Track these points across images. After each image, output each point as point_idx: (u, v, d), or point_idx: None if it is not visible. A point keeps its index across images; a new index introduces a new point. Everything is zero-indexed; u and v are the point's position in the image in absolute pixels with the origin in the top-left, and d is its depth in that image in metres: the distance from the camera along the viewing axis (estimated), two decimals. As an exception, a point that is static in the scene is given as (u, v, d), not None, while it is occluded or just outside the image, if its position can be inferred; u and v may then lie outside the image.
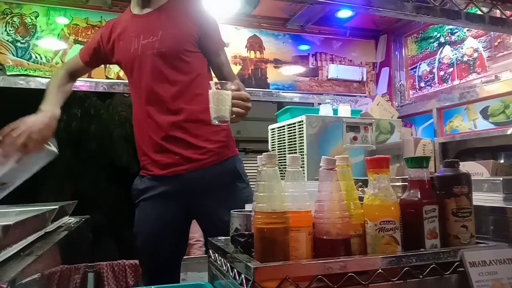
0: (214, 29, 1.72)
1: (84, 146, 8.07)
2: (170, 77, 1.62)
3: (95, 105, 8.06)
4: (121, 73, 2.74)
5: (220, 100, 1.38)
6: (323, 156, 1.04)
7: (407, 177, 1.13)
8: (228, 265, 1.04)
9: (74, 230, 1.79)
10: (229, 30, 3.02)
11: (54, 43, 2.71)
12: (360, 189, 1.43)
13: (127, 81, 2.74)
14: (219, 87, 1.39)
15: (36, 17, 2.66)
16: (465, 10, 1.09)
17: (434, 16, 1.02)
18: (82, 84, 2.69)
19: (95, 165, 8.37)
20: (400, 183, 1.17)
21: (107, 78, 2.72)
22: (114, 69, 2.73)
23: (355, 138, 2.67)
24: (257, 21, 3.06)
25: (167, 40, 1.62)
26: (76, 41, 2.68)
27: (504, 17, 1.12)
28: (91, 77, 2.69)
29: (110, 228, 6.43)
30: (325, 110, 2.74)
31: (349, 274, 0.91)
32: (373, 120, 2.75)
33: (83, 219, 2.11)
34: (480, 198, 1.33)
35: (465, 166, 2.16)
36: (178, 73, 1.63)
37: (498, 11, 1.14)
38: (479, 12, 1.14)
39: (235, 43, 3.03)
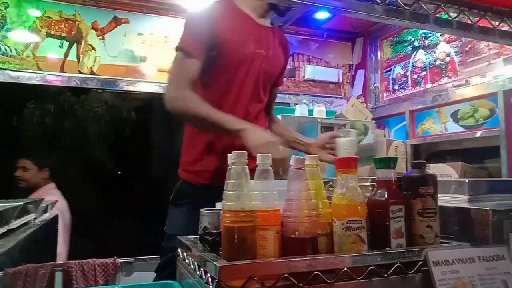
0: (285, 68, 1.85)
1: (58, 143, 7.88)
2: (260, 96, 1.72)
3: (69, 101, 7.89)
4: (94, 68, 2.69)
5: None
6: (292, 155, 1.05)
7: (375, 177, 1.15)
8: (196, 264, 1.03)
9: (40, 228, 1.74)
10: (206, 28, 2.99)
11: (25, 36, 2.64)
12: (330, 188, 1.45)
13: (101, 77, 2.73)
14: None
15: (6, 8, 2.58)
16: (434, 15, 1.12)
17: (403, 19, 1.04)
18: (54, 78, 2.63)
19: (69, 162, 8.18)
20: (368, 183, 1.19)
21: (80, 73, 2.67)
22: (87, 63, 2.67)
23: (329, 139, 2.69)
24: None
25: (272, 61, 1.74)
26: (48, 34, 2.61)
27: (470, 22, 1.15)
28: (63, 71, 2.63)
29: (83, 226, 6.30)
30: (301, 111, 2.76)
31: (315, 272, 0.92)
32: (347, 121, 2.79)
33: (51, 217, 2.06)
34: (446, 199, 1.36)
35: (435, 168, 2.22)
36: (263, 95, 1.74)
37: (465, 16, 1.16)
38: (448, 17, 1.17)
39: (212, 41, 3.01)
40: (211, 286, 0.89)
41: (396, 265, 0.99)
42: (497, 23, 1.20)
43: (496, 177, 2.29)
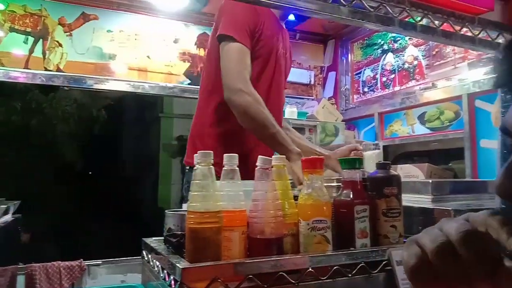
0: None
1: (25, 142, 7.64)
2: (284, 96, 1.84)
3: (37, 99, 7.66)
4: (61, 65, 2.61)
5: None
6: (259, 156, 1.04)
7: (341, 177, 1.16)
8: (159, 266, 1.01)
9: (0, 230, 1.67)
10: (178, 26, 2.96)
11: (-13, 30, 2.53)
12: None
13: (67, 73, 2.65)
14: None
15: (-34, 1, 2.48)
16: (399, 18, 1.13)
17: (369, 22, 1.06)
18: (18, 75, 2.53)
19: (36, 162, 7.95)
20: (335, 184, 1.20)
21: (46, 69, 2.58)
22: (54, 60, 2.59)
23: (300, 140, 2.71)
24: (207, 19, 3.02)
25: (289, 62, 1.85)
26: (12, 29, 2.52)
27: (434, 26, 1.18)
28: (28, 68, 2.54)
29: (50, 228, 6.13)
30: (273, 111, 2.75)
31: (280, 273, 0.92)
32: (318, 123, 2.81)
33: (13, 219, 1.99)
34: (411, 199, 1.38)
35: (403, 169, 2.26)
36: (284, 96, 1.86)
37: (430, 20, 1.19)
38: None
39: (184, 40, 2.98)
40: (174, 289, 0.87)
41: (360, 265, 1.00)
42: (459, 28, 1.24)
43: (461, 177, 2.35)
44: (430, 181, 1.37)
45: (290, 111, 2.83)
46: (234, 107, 1.55)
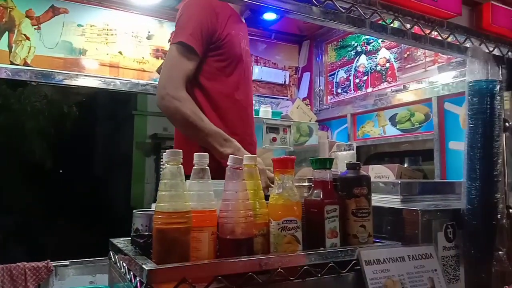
0: None
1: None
2: (252, 90, 1.84)
3: (4, 94, 7.38)
4: (29, 60, 2.52)
5: None
6: (230, 155, 1.03)
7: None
8: (126, 267, 0.99)
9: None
10: (151, 23, 2.91)
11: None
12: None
13: (35, 68, 2.56)
14: None
15: None
16: (370, 20, 1.14)
17: (340, 23, 1.06)
18: (-18, 68, 2.43)
19: (3, 160, 7.66)
20: (306, 183, 1.20)
21: (12, 63, 2.48)
22: (21, 54, 2.50)
23: (274, 139, 2.72)
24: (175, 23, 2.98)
25: (250, 58, 1.83)
26: (-24, 21, 2.41)
27: (404, 29, 1.20)
28: (-8, 62, 2.44)
29: (16, 228, 5.93)
30: (247, 110, 2.74)
31: (249, 274, 0.91)
32: (292, 123, 2.82)
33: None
34: (381, 200, 1.40)
35: (374, 169, 2.30)
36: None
37: (400, 23, 1.21)
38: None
39: (157, 36, 2.92)
40: (140, 291, 0.85)
41: (329, 264, 1.01)
42: (429, 31, 1.26)
43: (430, 178, 2.41)
44: (399, 181, 1.39)
45: (264, 111, 2.83)
46: (163, 111, 1.55)
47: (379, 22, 1.20)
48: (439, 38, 1.29)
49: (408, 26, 1.19)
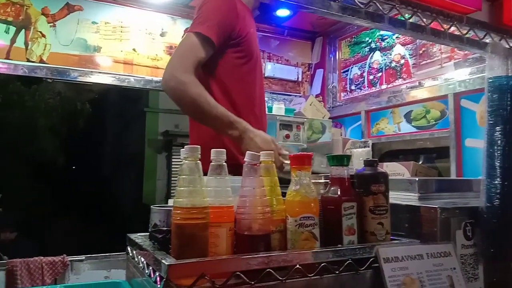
0: None
1: (5, 136, 7.47)
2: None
3: (18, 91, 7.48)
4: (44, 57, 2.55)
5: None
6: (247, 151, 1.03)
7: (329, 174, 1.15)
8: (144, 262, 0.99)
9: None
10: (164, 20, 2.92)
11: (-33, 19, 2.46)
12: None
13: (51, 65, 2.59)
14: None
15: None
16: (389, 15, 1.13)
17: (359, 18, 1.05)
18: (-1, 66, 2.46)
19: (18, 156, 7.78)
20: (323, 180, 1.19)
21: (29, 60, 2.51)
22: (37, 51, 2.53)
23: (287, 136, 2.71)
24: (194, 13, 2.99)
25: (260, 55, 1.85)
26: (-7, 18, 2.45)
27: (423, 24, 1.18)
28: (9, 59, 2.47)
29: (32, 223, 6.02)
30: (260, 107, 2.74)
31: (267, 270, 0.91)
32: (306, 120, 2.81)
33: (-7, 213, 1.94)
34: (397, 197, 1.39)
35: (388, 167, 2.28)
36: None
37: (419, 18, 1.19)
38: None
39: (171, 33, 2.94)
40: (159, 286, 0.85)
41: (347, 262, 1.00)
42: (448, 26, 1.24)
43: (444, 176, 2.38)
44: (417, 179, 1.37)
45: (277, 108, 2.82)
46: (167, 93, 1.52)
47: (396, 17, 1.19)
48: (458, 33, 1.28)
49: (427, 21, 1.17)
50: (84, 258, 2.53)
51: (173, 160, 8.94)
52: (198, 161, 0.95)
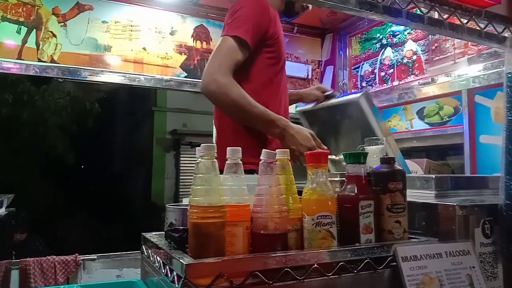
0: None
1: (16, 135, 7.53)
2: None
3: (28, 91, 7.54)
4: (55, 56, 2.56)
5: None
6: (263, 149, 1.02)
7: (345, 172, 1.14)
8: (161, 261, 0.99)
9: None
10: (174, 18, 2.91)
11: (-21, 20, 2.47)
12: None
13: (62, 65, 2.60)
14: None
15: (-44, -11, 2.41)
16: (406, 10, 1.11)
17: (376, 13, 1.03)
18: (11, 66, 2.47)
19: (28, 155, 7.85)
20: (338, 178, 1.18)
21: (40, 60, 2.52)
22: (48, 51, 2.54)
23: (298, 134, 2.69)
24: (204, 11, 2.98)
25: None
26: (4, 19, 2.45)
27: (441, 19, 1.16)
28: (21, 59, 2.48)
29: (44, 223, 6.06)
30: (270, 105, 2.73)
31: (285, 269, 0.90)
32: (317, 117, 2.79)
33: (7, 212, 1.94)
34: (413, 195, 1.37)
35: (401, 164, 2.25)
36: None
37: (436, 13, 1.17)
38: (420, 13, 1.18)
39: (180, 32, 2.93)
40: (177, 285, 0.85)
41: (365, 261, 0.99)
42: (466, 20, 1.22)
43: (458, 173, 2.35)
44: (434, 176, 1.35)
45: (287, 105, 2.81)
46: (207, 96, 1.56)
47: (409, 10, 1.17)
48: (476, 27, 1.25)
49: (445, 15, 1.15)
50: (96, 257, 2.54)
51: (181, 158, 8.97)
52: (215, 160, 0.94)
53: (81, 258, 2.50)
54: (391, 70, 2.88)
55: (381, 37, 3.01)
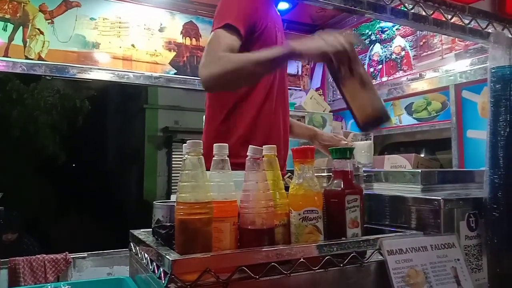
0: None
1: (5, 134, 7.45)
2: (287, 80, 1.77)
3: (18, 89, 7.45)
4: (43, 54, 2.54)
5: None
6: (250, 145, 1.02)
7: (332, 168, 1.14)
8: (148, 258, 0.99)
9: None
10: (163, 15, 2.90)
11: (-35, 17, 2.44)
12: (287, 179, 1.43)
13: (49, 62, 2.58)
14: None
15: None
16: (391, 6, 1.12)
17: (361, 9, 1.04)
18: (-3, 63, 2.45)
19: (18, 154, 7.77)
20: (325, 173, 1.19)
21: (27, 58, 2.50)
22: (35, 48, 2.52)
23: (288, 130, 2.70)
24: (193, 7, 2.97)
25: None
26: (-10, 16, 2.43)
27: (426, 15, 1.17)
28: (8, 56, 2.46)
29: (33, 221, 6.02)
30: (260, 102, 2.73)
31: (271, 264, 0.90)
32: (306, 113, 2.80)
33: (-5, 211, 1.94)
34: (400, 189, 1.38)
35: (390, 159, 2.27)
36: None
37: (421, 9, 1.18)
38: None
39: (169, 28, 2.92)
40: (163, 281, 0.85)
41: (351, 254, 1.00)
42: (450, 16, 1.23)
43: (446, 167, 2.37)
44: (420, 171, 1.37)
45: (277, 102, 2.81)
46: (210, 91, 1.53)
47: (398, 7, 1.17)
48: (460, 23, 1.27)
49: (429, 11, 1.16)
50: (86, 255, 2.54)
51: (173, 156, 8.94)
52: (201, 156, 0.94)
53: (72, 256, 2.49)
54: (380, 66, 2.90)
55: (370, 33, 3.03)
